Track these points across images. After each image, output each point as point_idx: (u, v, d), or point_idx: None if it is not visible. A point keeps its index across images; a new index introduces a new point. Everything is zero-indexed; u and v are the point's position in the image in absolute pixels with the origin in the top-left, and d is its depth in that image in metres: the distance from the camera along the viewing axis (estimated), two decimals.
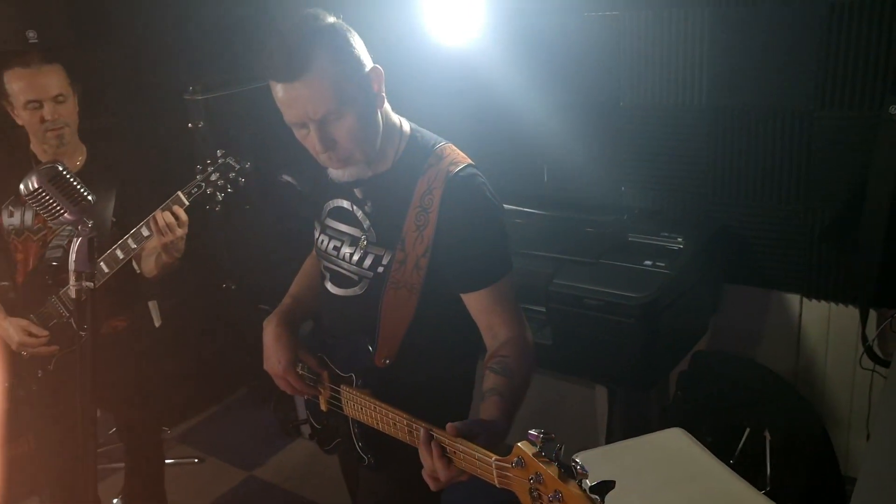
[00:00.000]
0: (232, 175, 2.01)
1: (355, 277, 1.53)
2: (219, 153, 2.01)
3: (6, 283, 2.23)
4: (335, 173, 1.45)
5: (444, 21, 1.99)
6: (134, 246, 2.02)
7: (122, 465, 2.61)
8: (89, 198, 1.37)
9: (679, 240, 2.41)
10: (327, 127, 1.34)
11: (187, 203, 1.97)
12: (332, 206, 1.59)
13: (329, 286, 1.60)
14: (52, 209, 1.36)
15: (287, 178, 2.96)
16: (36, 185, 1.33)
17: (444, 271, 1.43)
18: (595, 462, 1.82)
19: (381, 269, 1.47)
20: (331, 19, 1.35)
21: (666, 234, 2.45)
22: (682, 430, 1.93)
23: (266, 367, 1.61)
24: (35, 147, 2.19)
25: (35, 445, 2.44)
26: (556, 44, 2.75)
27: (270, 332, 1.60)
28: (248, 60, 3.09)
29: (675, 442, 1.91)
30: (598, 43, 2.66)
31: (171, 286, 3.43)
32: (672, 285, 2.24)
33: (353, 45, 1.35)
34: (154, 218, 1.94)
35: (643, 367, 2.28)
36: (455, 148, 1.50)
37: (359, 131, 1.37)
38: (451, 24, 2.00)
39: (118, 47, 3.29)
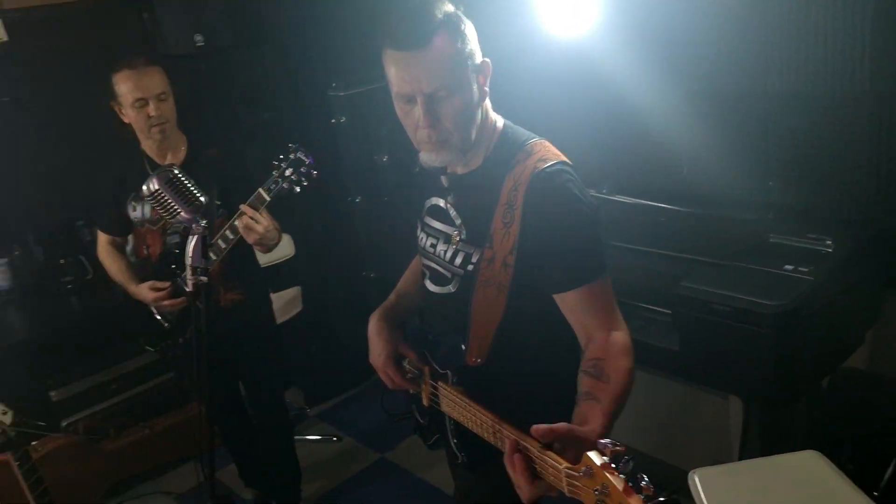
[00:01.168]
0: (303, 169, 2.06)
1: (448, 275, 1.54)
2: (290, 147, 2.08)
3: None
4: (426, 157, 1.44)
5: (559, 12, 1.91)
6: (224, 245, 2.18)
7: None
8: (201, 198, 1.48)
9: (828, 242, 2.17)
10: (435, 103, 1.35)
11: (268, 199, 2.08)
12: (430, 203, 1.60)
13: (428, 284, 1.62)
14: (169, 208, 1.48)
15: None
16: (156, 187, 1.47)
17: (533, 270, 1.40)
18: (717, 480, 1.70)
19: (470, 267, 1.47)
20: (450, 7, 1.38)
21: (813, 235, 2.21)
22: (819, 453, 1.74)
23: (370, 359, 1.66)
24: (143, 144, 2.42)
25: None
26: (689, 27, 2.55)
27: (373, 326, 1.65)
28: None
29: (809, 466, 1.72)
30: (740, 23, 2.44)
31: (314, 274, 3.65)
32: (815, 293, 2.02)
33: (468, 33, 1.37)
34: (237, 221, 2.08)
35: (780, 380, 2.08)
36: (548, 144, 1.47)
37: (462, 115, 1.37)
38: (568, 14, 1.91)
39: (271, 48, 3.52)
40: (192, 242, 1.47)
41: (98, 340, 3.18)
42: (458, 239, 1.51)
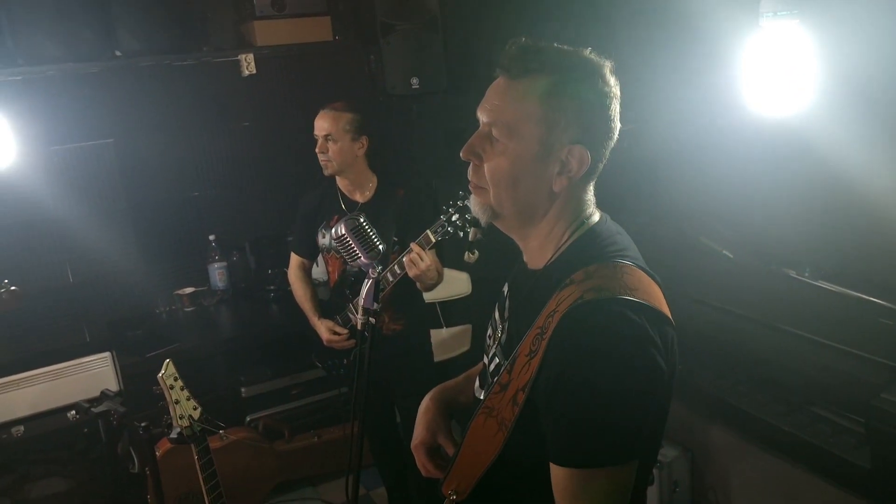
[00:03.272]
0: (468, 216, 2.12)
1: (486, 379, 1.29)
2: (461, 194, 2.16)
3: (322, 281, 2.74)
4: (472, 199, 1.22)
5: (768, 89, 1.78)
6: (392, 279, 2.37)
7: None
8: (380, 247, 1.59)
9: None
10: (482, 137, 1.15)
11: (433, 241, 2.21)
12: (504, 289, 1.35)
13: (476, 379, 1.38)
14: (351, 253, 1.61)
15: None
16: (342, 233, 1.60)
17: (538, 421, 1.08)
18: None
19: (495, 379, 1.20)
20: (590, 58, 1.14)
21: None
22: None
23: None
24: (338, 179, 2.67)
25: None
26: None
27: (422, 404, 1.44)
28: None
29: None
30: None
31: (488, 315, 3.70)
32: None
33: (571, 105, 1.11)
34: (405, 258, 2.23)
35: None
36: (633, 271, 1.11)
37: (502, 175, 1.13)
38: (779, 91, 1.78)
39: (480, 95, 3.66)
40: (366, 286, 1.58)
41: (288, 348, 3.47)
42: (499, 336, 1.25)
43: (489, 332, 1.33)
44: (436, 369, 2.87)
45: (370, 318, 1.59)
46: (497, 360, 1.23)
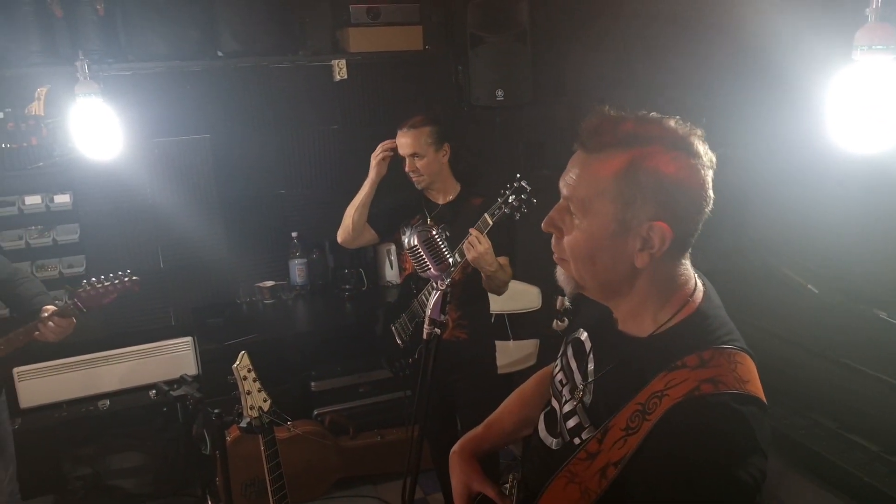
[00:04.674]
0: (524, 196, 2.23)
1: (557, 429, 1.25)
2: (516, 176, 2.24)
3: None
4: (557, 271, 1.22)
5: (859, 124, 1.68)
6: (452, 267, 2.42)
7: None
8: (450, 260, 1.62)
9: None
10: (562, 212, 1.14)
11: (491, 223, 2.28)
12: (577, 334, 1.31)
13: (541, 419, 1.33)
14: (422, 263, 1.64)
15: None
16: (414, 243, 1.64)
17: (626, 499, 1.06)
18: None
19: (577, 441, 1.17)
20: (674, 128, 1.09)
21: None
22: None
23: None
24: None
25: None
26: None
27: (450, 458, 1.48)
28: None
29: None
30: None
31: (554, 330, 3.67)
32: None
33: (650, 182, 1.06)
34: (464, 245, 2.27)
35: None
36: (744, 359, 1.08)
37: (580, 250, 1.13)
38: (870, 127, 1.68)
39: (563, 107, 3.66)
40: (434, 297, 1.61)
41: (358, 347, 3.55)
42: (579, 393, 1.21)
43: (560, 375, 1.31)
44: (500, 381, 2.88)
45: (436, 329, 1.62)
46: (577, 418, 1.20)
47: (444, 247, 1.66)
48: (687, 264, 1.16)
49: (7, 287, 2.43)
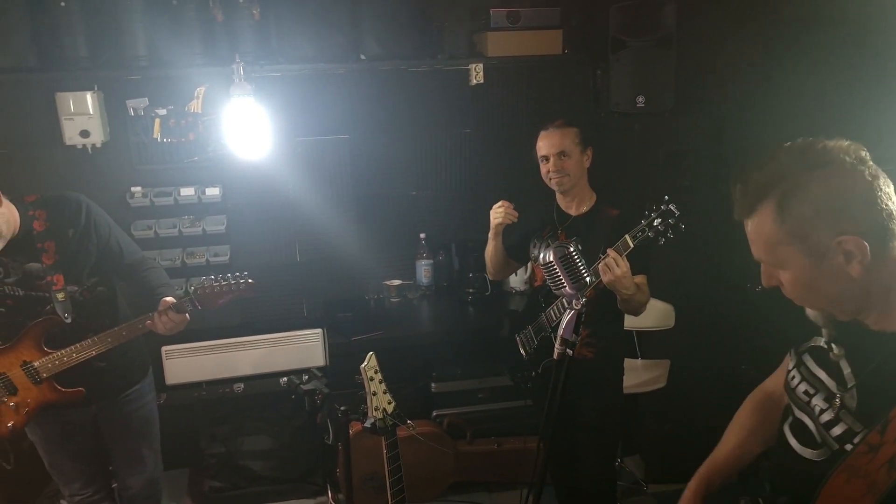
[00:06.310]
0: (671, 221, 2.11)
1: (818, 440, 1.30)
2: (665, 199, 2.13)
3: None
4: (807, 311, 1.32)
5: None
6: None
7: None
8: (587, 279, 1.56)
9: None
10: (768, 270, 1.26)
11: (632, 245, 2.15)
12: (814, 342, 1.37)
13: (790, 437, 1.37)
14: (557, 281, 1.60)
15: None
16: (550, 259, 1.59)
17: None
18: None
19: (849, 447, 1.21)
20: (818, 151, 1.17)
21: None
22: None
23: None
24: (557, 195, 2.66)
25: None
26: None
27: (684, 495, 1.54)
28: None
29: None
30: None
31: (687, 352, 3.51)
32: None
33: (820, 198, 1.14)
34: (600, 264, 2.16)
35: None
36: None
37: (801, 295, 1.24)
38: None
39: (706, 117, 3.48)
40: (567, 316, 1.56)
41: (480, 351, 3.55)
42: (836, 400, 1.26)
43: (804, 386, 1.35)
44: (623, 401, 2.77)
45: (568, 350, 1.57)
46: (845, 425, 1.23)
47: (582, 264, 1.60)
48: None
49: (134, 272, 2.49)
